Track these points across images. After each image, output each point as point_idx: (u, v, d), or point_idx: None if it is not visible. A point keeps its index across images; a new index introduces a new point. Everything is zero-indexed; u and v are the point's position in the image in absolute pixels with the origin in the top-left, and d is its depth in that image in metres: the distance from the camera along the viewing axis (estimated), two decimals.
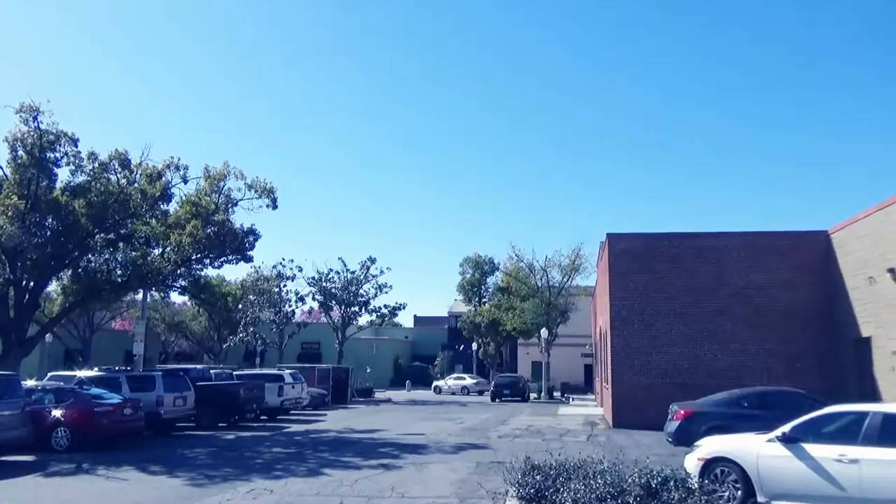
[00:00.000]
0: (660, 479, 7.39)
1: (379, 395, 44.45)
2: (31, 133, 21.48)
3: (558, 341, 43.71)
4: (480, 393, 46.76)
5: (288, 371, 28.66)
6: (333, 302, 45.32)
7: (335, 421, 25.30)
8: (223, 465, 13.89)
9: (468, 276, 61.13)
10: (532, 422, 24.99)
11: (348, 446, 17.27)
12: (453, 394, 47.16)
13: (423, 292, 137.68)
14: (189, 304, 47.82)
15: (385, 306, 46.67)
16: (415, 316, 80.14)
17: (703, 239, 23.47)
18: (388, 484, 11.51)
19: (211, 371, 25.85)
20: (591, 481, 7.59)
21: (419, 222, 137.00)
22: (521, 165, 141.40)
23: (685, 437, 14.10)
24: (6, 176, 21.97)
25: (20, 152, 21.60)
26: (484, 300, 59.70)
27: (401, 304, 47.23)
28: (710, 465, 9.47)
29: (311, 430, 21.66)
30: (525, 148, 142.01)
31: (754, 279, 22.49)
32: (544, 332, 41.02)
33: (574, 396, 42.44)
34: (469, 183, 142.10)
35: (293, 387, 27.07)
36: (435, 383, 50.75)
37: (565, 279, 42.17)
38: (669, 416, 16.12)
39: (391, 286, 46.70)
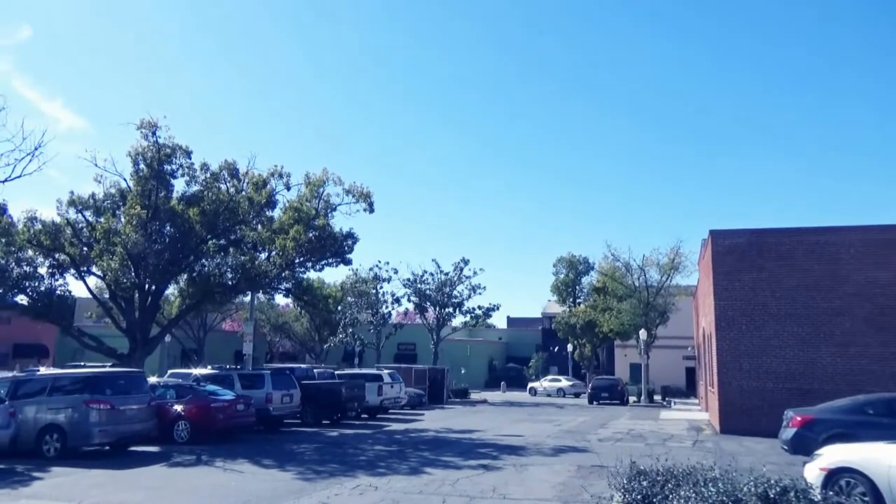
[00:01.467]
0: (779, 489, 6.96)
1: (474, 395, 44.63)
2: (151, 147, 23.13)
3: (658, 343, 42.27)
4: (577, 395, 45.98)
5: (386, 371, 29.34)
6: (428, 303, 45.92)
7: (433, 421, 25.65)
8: (329, 461, 14.40)
9: (562, 276, 60.26)
10: (633, 426, 24.31)
11: (447, 446, 17.46)
12: (549, 396, 46.64)
13: (517, 293, 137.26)
14: (291, 305, 49.92)
15: (479, 307, 46.79)
16: (508, 317, 79.91)
17: (816, 234, 22.00)
18: (489, 485, 11.53)
19: (314, 370, 26.86)
20: (703, 489, 7.26)
21: (512, 223, 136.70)
22: (617, 163, 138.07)
23: (802, 446, 13.31)
24: (130, 188, 23.77)
25: (141, 165, 23.32)
26: (579, 301, 58.65)
27: (494, 306, 47.18)
28: (833, 476, 8.87)
29: (410, 430, 22.07)
30: (620, 145, 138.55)
31: (877, 276, 20.85)
32: (643, 334, 39.80)
33: (676, 400, 40.91)
34: (562, 182, 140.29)
35: (392, 386, 27.68)
36: (530, 385, 50.37)
37: (664, 278, 40.70)
38: (784, 423, 15.23)
39: (484, 287, 46.70)
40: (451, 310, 46.24)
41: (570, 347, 54.33)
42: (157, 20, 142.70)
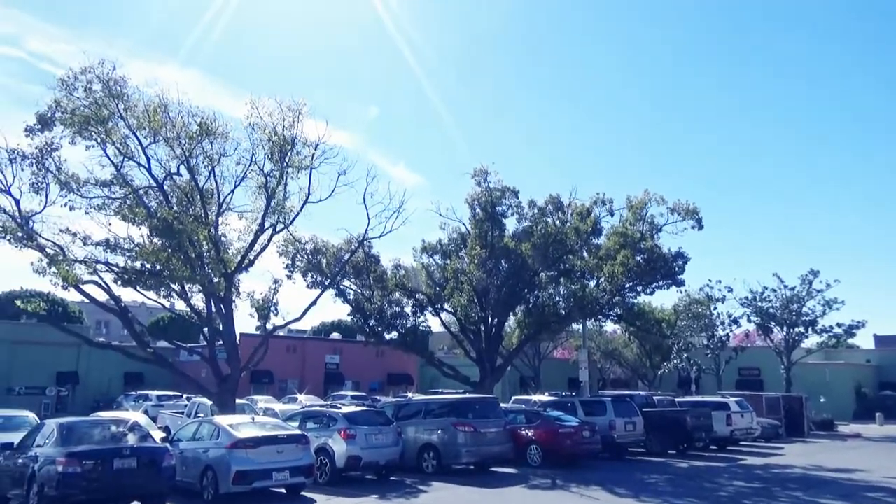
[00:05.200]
0: None
1: (842, 428, 38.32)
2: (483, 193, 25.47)
3: None
4: None
5: (733, 399, 27.01)
6: (773, 323, 41.23)
7: (796, 456, 22.72)
8: (685, 494, 13.73)
9: None
10: None
11: (822, 486, 15.27)
12: None
13: (886, 307, 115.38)
14: (619, 331, 49.48)
15: (838, 325, 40.40)
16: (875, 336, 67.13)
17: None
18: None
19: (654, 397, 26.08)
20: None
21: (873, 226, 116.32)
22: None
23: None
24: (468, 231, 26.41)
25: (477, 210, 25.78)
26: None
27: (858, 322, 40.21)
28: None
29: (770, 465, 19.88)
30: None
31: None
32: None
33: None
34: None
35: (742, 416, 25.35)
36: None
37: None
38: None
39: (843, 302, 40.00)
40: (801, 329, 40.79)
41: None
42: (463, 85, 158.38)
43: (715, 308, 42.53)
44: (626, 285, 24.71)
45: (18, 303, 22.06)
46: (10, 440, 13.01)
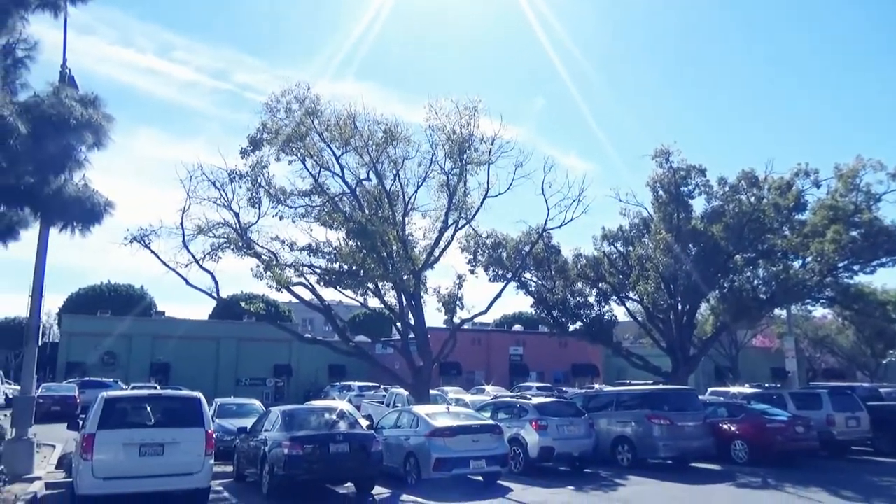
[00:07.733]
0: None
1: None
2: (666, 174, 24.17)
3: None
4: None
5: None
6: None
7: None
8: None
9: None
10: None
11: None
12: None
13: None
14: (831, 316, 44.48)
15: None
16: None
17: None
18: None
19: (880, 390, 23.11)
20: None
21: None
22: None
23: None
24: (651, 215, 25.25)
25: (660, 192, 24.53)
26: None
27: None
28: None
29: None
30: None
31: None
32: None
33: None
34: None
35: None
36: None
37: None
38: None
39: None
40: None
41: None
42: (627, 68, 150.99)
43: None
44: (840, 264, 22.12)
45: (243, 304, 24.98)
46: (244, 425, 14.78)
